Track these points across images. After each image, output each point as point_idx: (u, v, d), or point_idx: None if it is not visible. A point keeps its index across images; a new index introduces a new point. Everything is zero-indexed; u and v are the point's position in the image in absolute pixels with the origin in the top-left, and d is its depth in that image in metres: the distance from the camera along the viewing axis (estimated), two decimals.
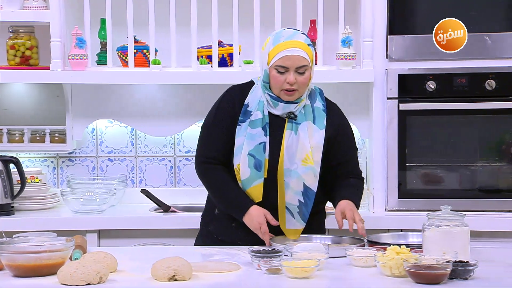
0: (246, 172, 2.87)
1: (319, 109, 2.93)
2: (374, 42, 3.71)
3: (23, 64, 3.90)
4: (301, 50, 2.82)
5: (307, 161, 2.86)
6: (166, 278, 2.36)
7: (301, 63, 2.82)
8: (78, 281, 2.30)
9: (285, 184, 2.88)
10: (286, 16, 3.78)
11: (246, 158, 2.86)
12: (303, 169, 2.86)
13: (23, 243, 2.50)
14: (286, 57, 2.81)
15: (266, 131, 2.87)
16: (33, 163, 4.14)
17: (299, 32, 2.89)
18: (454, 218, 2.56)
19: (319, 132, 2.89)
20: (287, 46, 2.82)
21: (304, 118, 2.90)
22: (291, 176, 2.87)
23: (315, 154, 2.87)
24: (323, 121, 2.91)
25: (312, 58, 2.86)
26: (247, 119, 2.89)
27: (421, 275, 2.32)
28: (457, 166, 3.73)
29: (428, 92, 3.68)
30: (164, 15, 3.79)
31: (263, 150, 2.85)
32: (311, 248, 2.59)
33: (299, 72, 2.83)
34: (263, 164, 2.85)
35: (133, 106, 4.05)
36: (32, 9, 3.79)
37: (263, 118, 2.87)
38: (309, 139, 2.87)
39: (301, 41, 2.83)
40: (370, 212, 3.74)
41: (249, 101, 2.92)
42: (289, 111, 2.89)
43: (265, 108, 2.89)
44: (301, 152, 2.86)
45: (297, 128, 2.88)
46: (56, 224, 3.57)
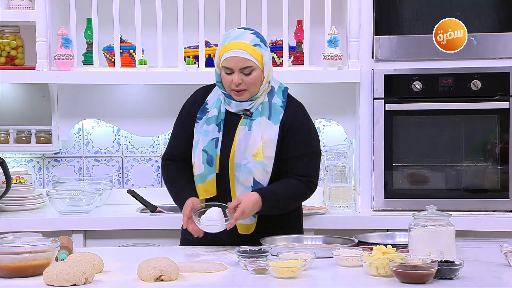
0: (200, 167, 2.91)
1: (277, 105, 2.92)
2: (360, 43, 3.72)
3: (9, 64, 3.89)
4: (243, 51, 2.81)
5: (257, 156, 2.86)
6: (152, 279, 2.36)
7: (243, 64, 2.82)
8: (64, 282, 2.30)
9: (235, 179, 2.89)
10: (272, 16, 3.78)
11: (200, 154, 2.90)
12: (254, 163, 2.86)
13: (8, 243, 2.49)
14: (229, 58, 2.83)
15: (220, 127, 2.91)
16: (18, 163, 4.13)
17: (248, 32, 2.87)
18: (440, 218, 2.57)
19: (273, 127, 2.88)
20: (230, 47, 2.83)
21: (260, 114, 2.91)
22: (241, 170, 2.87)
23: (267, 149, 2.87)
24: (278, 116, 2.90)
25: (260, 58, 2.84)
26: (203, 116, 2.94)
27: (407, 275, 2.32)
28: (442, 166, 3.74)
29: (414, 92, 3.70)
30: (151, 15, 3.79)
31: (215, 146, 2.89)
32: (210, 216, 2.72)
33: (245, 73, 2.83)
34: (215, 159, 2.89)
35: (120, 106, 4.04)
36: (17, 8, 3.77)
37: (218, 114, 2.92)
38: (261, 134, 2.87)
39: (245, 41, 2.83)
40: (357, 212, 3.75)
41: (209, 100, 2.98)
42: (242, 108, 2.90)
43: (222, 105, 2.93)
44: (252, 147, 2.87)
45: (251, 124, 2.89)
46: (42, 224, 3.56)
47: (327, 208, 3.74)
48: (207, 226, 2.77)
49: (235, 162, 2.88)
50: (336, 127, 4.10)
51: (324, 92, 4.01)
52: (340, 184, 3.83)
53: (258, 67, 2.84)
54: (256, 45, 2.84)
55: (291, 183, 2.89)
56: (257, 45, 2.84)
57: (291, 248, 2.66)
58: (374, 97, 3.72)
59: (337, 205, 3.79)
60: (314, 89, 4.01)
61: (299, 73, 3.79)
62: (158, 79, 3.79)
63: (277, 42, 3.89)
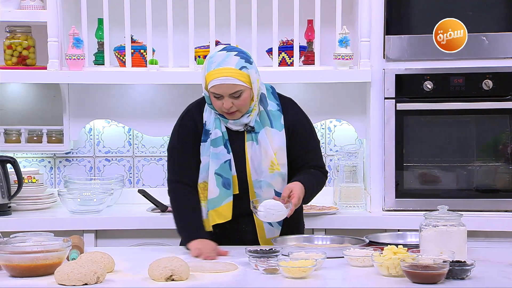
0: (215, 191, 2.88)
1: (274, 111, 2.91)
2: (371, 42, 3.71)
3: (20, 64, 3.90)
4: (231, 78, 2.78)
5: (273, 168, 2.87)
6: (163, 278, 2.36)
7: (233, 90, 2.79)
8: (75, 281, 2.30)
9: (256, 196, 2.89)
10: (283, 16, 3.78)
11: (214, 178, 2.87)
12: (271, 176, 2.87)
13: (20, 243, 2.51)
14: (217, 85, 2.79)
15: (228, 148, 2.88)
16: (30, 163, 4.14)
17: (232, 54, 2.82)
18: (451, 218, 2.56)
19: (279, 134, 2.89)
20: (217, 74, 2.79)
21: (262, 126, 2.89)
22: (261, 186, 2.88)
23: (280, 157, 2.88)
24: (280, 121, 2.91)
25: (247, 79, 2.80)
26: (207, 138, 2.90)
27: (418, 275, 2.32)
28: (454, 166, 3.73)
29: (425, 92, 3.68)
30: (162, 15, 3.79)
31: (229, 168, 2.87)
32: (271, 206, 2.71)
33: (235, 97, 2.81)
34: (231, 182, 2.86)
35: (130, 106, 4.05)
36: (29, 9, 3.78)
37: (222, 135, 2.88)
38: (270, 145, 2.87)
39: (230, 67, 2.78)
40: (367, 212, 3.74)
41: (206, 120, 2.93)
42: (242, 123, 2.88)
43: (222, 125, 2.90)
44: (266, 160, 2.86)
45: (257, 137, 2.88)
46: (53, 224, 3.57)
47: (338, 208, 3.73)
48: (272, 215, 2.73)
49: (253, 180, 2.88)
50: (346, 127, 4.09)
51: (334, 92, 4.01)
52: (350, 184, 3.82)
53: (247, 88, 2.82)
54: (242, 67, 2.80)
55: (312, 172, 2.93)
56: (243, 67, 2.80)
57: (302, 248, 2.66)
58: (385, 97, 3.71)
59: (348, 205, 3.79)
60: (324, 89, 4.00)
61: (310, 73, 3.78)
62: (169, 79, 3.80)
63: (287, 42, 3.88)
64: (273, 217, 2.75)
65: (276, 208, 2.74)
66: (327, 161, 4.12)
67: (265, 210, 2.73)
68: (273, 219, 2.77)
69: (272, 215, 2.74)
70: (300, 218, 3.11)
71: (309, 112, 3.97)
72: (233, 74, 2.79)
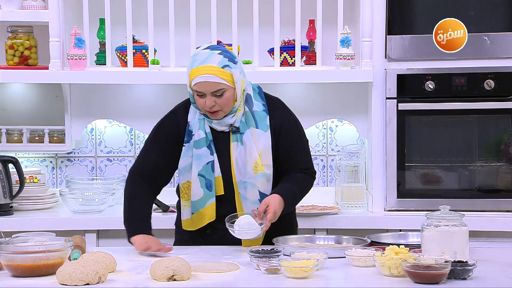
0: (199, 193, 2.89)
1: (259, 111, 2.90)
2: (373, 42, 3.71)
3: (22, 64, 3.90)
4: (212, 76, 2.77)
5: (257, 169, 2.86)
6: (165, 278, 2.36)
7: (214, 88, 2.78)
8: (77, 281, 2.31)
9: (241, 197, 2.88)
10: (285, 16, 3.78)
11: (197, 179, 2.88)
12: (255, 177, 2.86)
13: (22, 243, 2.51)
14: (199, 83, 2.79)
15: (211, 150, 2.88)
16: (32, 163, 4.14)
17: (215, 52, 2.81)
18: (453, 218, 2.56)
19: (264, 134, 2.87)
20: (199, 72, 2.79)
21: (247, 126, 2.87)
22: (246, 187, 2.87)
23: (264, 158, 2.86)
24: (265, 122, 2.89)
25: (230, 78, 2.79)
26: (190, 139, 2.90)
27: (420, 275, 2.32)
28: (455, 166, 3.73)
29: (427, 92, 3.68)
30: (163, 15, 3.79)
31: (211, 169, 2.87)
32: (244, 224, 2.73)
33: (217, 95, 2.80)
34: (213, 184, 2.87)
35: (132, 106, 4.05)
36: (31, 9, 3.79)
37: (206, 136, 2.88)
38: (255, 146, 2.86)
39: (213, 65, 2.78)
40: (369, 212, 3.74)
41: (190, 120, 2.93)
42: (226, 124, 2.87)
43: (206, 125, 2.89)
44: (250, 161, 2.85)
45: (242, 137, 2.86)
46: (55, 224, 3.57)
47: (340, 208, 3.73)
48: (245, 233, 2.74)
49: (237, 181, 2.87)
50: (348, 127, 4.09)
51: (336, 92, 4.01)
52: (352, 184, 3.82)
53: (230, 87, 2.81)
54: (224, 66, 2.79)
55: (298, 177, 2.92)
56: (226, 66, 2.79)
57: (304, 248, 2.66)
58: (386, 97, 3.71)
59: (350, 205, 3.78)
60: (326, 89, 4.00)
61: (312, 73, 3.78)
62: (171, 79, 3.80)
63: (289, 42, 3.88)
64: (246, 234, 2.75)
65: (249, 225, 2.74)
66: (328, 161, 4.12)
67: (239, 228, 2.74)
68: (247, 236, 2.77)
69: (246, 233, 2.75)
70: (293, 218, 3.11)
71: (311, 112, 4.01)
72: (215, 72, 2.78)
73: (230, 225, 2.76)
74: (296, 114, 3.96)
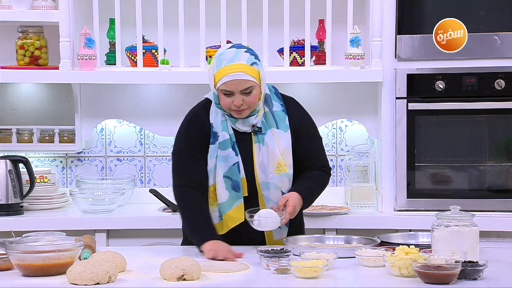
0: (224, 195, 2.87)
1: (279, 112, 2.90)
2: (383, 42, 3.71)
3: (32, 64, 3.91)
4: (243, 73, 2.77)
5: (280, 169, 2.86)
6: (175, 278, 2.37)
7: (245, 86, 2.78)
8: (87, 281, 2.31)
9: (264, 198, 2.89)
10: (294, 16, 3.78)
11: (222, 181, 2.86)
12: (278, 177, 2.87)
13: (32, 242, 2.52)
14: (229, 82, 2.78)
15: (236, 151, 2.86)
16: (42, 163, 4.15)
17: (241, 50, 2.83)
18: (463, 218, 2.55)
19: (284, 135, 2.88)
20: (229, 70, 2.78)
21: (268, 127, 2.88)
22: (269, 188, 2.88)
23: (286, 159, 2.87)
24: (285, 122, 2.90)
25: (257, 75, 2.81)
26: (215, 141, 2.88)
27: (430, 275, 2.31)
28: (466, 166, 3.72)
29: (437, 92, 3.67)
30: (173, 15, 3.80)
31: (238, 171, 2.85)
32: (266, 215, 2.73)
33: (246, 93, 2.79)
34: (241, 185, 2.85)
35: (142, 106, 4.06)
36: (41, 9, 3.80)
37: (230, 138, 2.86)
38: (277, 146, 2.86)
39: (242, 63, 2.78)
40: (379, 212, 3.74)
41: (213, 122, 2.90)
42: (249, 124, 2.86)
43: (229, 127, 2.88)
44: (272, 162, 2.85)
45: (263, 138, 2.86)
46: (65, 223, 3.59)
47: (349, 208, 3.73)
48: (265, 223, 2.74)
49: (260, 182, 2.87)
50: (358, 127, 4.09)
51: (346, 92, 4.00)
52: (362, 184, 3.81)
53: (257, 84, 2.82)
54: (252, 63, 2.80)
55: (315, 175, 2.95)
56: (254, 63, 2.81)
57: (313, 248, 2.66)
58: (396, 97, 3.70)
59: (359, 205, 3.78)
60: (336, 88, 4.00)
61: (321, 73, 3.78)
62: (180, 79, 3.80)
63: (299, 42, 3.88)
64: (266, 225, 2.75)
65: (269, 216, 2.74)
66: (338, 161, 4.12)
67: (259, 218, 2.74)
68: (267, 227, 2.77)
69: (265, 224, 2.75)
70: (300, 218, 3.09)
71: (320, 112, 4.00)
72: (245, 70, 2.78)
73: (250, 216, 2.75)
74: None
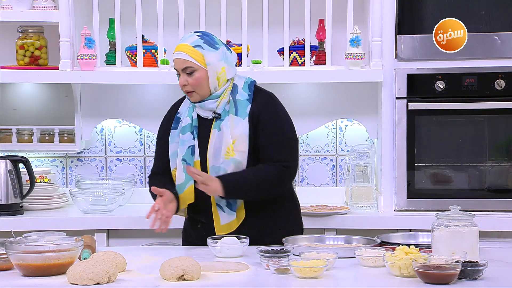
0: (181, 177, 2.98)
1: (241, 100, 2.96)
2: (383, 42, 3.71)
3: (32, 64, 3.92)
4: (181, 52, 2.92)
5: (228, 154, 2.92)
6: (175, 278, 2.37)
7: (183, 65, 2.92)
8: (87, 281, 2.31)
9: None
10: (294, 16, 3.78)
11: (181, 164, 2.97)
12: (227, 162, 2.92)
13: (32, 242, 2.52)
14: (174, 60, 2.97)
15: (194, 135, 2.97)
16: (42, 162, 4.16)
17: (194, 34, 2.96)
18: (463, 218, 2.55)
19: (241, 121, 2.93)
20: (175, 49, 2.96)
21: (227, 113, 2.96)
22: (218, 172, 2.93)
23: (239, 145, 2.92)
24: (245, 110, 2.95)
25: (201, 59, 2.91)
26: (177, 126, 3.02)
27: (430, 275, 2.31)
28: (466, 166, 3.72)
29: (437, 91, 3.67)
30: (173, 15, 3.80)
31: (191, 153, 2.96)
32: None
33: (187, 73, 2.92)
34: (193, 167, 2.94)
35: (142, 106, 4.06)
36: (41, 9, 3.80)
37: (191, 122, 2.98)
38: (230, 132, 2.92)
39: (186, 43, 2.92)
40: (379, 212, 3.74)
41: (180, 110, 3.06)
42: (209, 109, 2.95)
43: (194, 113, 3.00)
44: (224, 147, 2.92)
45: (220, 124, 2.94)
46: (65, 223, 3.59)
47: (349, 208, 3.73)
48: (227, 250, 2.72)
49: (211, 166, 2.94)
50: (358, 127, 4.09)
51: (346, 92, 4.00)
52: (362, 184, 3.81)
53: (200, 68, 2.91)
54: (196, 46, 2.91)
55: (259, 167, 2.95)
56: (198, 46, 2.91)
57: (313, 248, 2.66)
58: (396, 97, 3.70)
59: (359, 205, 3.78)
60: (336, 88, 4.00)
61: (321, 73, 3.78)
62: None
63: (299, 42, 3.88)
64: (227, 252, 2.72)
65: (232, 243, 2.73)
66: (338, 161, 4.12)
67: (220, 245, 2.73)
68: (227, 254, 2.73)
69: (227, 250, 2.72)
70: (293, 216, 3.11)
71: (320, 112, 4.01)
72: (185, 50, 2.91)
73: (213, 243, 2.75)
74: (305, 114, 3.99)
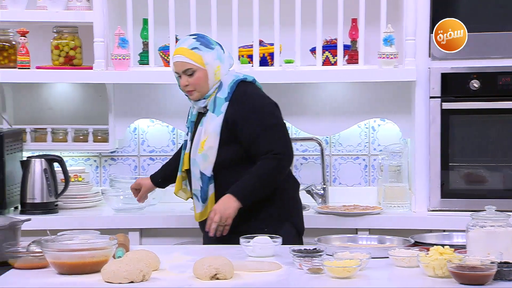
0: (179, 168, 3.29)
1: (220, 98, 3.11)
2: (416, 41, 3.68)
3: (67, 64, 3.95)
4: (181, 56, 3.11)
5: (201, 149, 3.12)
6: (208, 277, 2.37)
7: (183, 67, 3.11)
8: (121, 279, 2.33)
9: (191, 173, 3.17)
10: (327, 15, 3.76)
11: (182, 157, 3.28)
12: (199, 156, 3.13)
13: (67, 241, 2.54)
14: (174, 63, 3.16)
15: (188, 129, 3.23)
16: (76, 162, 4.19)
17: (190, 37, 3.15)
18: (499, 219, 2.52)
19: (215, 119, 3.10)
20: (173, 54, 3.17)
21: (209, 110, 3.14)
22: (194, 164, 3.16)
23: (209, 141, 3.10)
24: (220, 108, 3.10)
25: (199, 60, 3.09)
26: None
27: (465, 276, 2.29)
28: (500, 165, 3.68)
29: (471, 91, 3.64)
30: (205, 15, 3.81)
31: (184, 147, 3.24)
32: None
33: (188, 74, 3.11)
34: (182, 160, 3.21)
35: (174, 106, 4.07)
36: (76, 9, 3.83)
37: (190, 118, 3.24)
38: (206, 128, 3.12)
39: (183, 47, 3.11)
40: (412, 212, 3.71)
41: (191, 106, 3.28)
42: (199, 107, 3.16)
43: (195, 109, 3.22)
44: (200, 142, 3.13)
45: (202, 120, 3.15)
46: (99, 222, 3.62)
47: (382, 208, 3.71)
48: (259, 249, 2.72)
49: (191, 158, 3.17)
50: (391, 126, 4.06)
51: (379, 91, 3.98)
52: (395, 184, 3.79)
53: (200, 68, 3.09)
54: (193, 48, 3.10)
55: (257, 166, 3.07)
56: (195, 48, 3.10)
57: (346, 248, 2.65)
58: (430, 96, 3.67)
59: (392, 205, 3.76)
60: (368, 88, 3.98)
61: (354, 72, 3.76)
62: None
63: (331, 41, 3.87)
64: (259, 251, 2.72)
65: (264, 242, 2.74)
66: (370, 161, 4.10)
67: (253, 244, 2.73)
68: (259, 253, 2.72)
69: (259, 250, 2.72)
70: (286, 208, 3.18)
71: (353, 112, 3.99)
72: (184, 53, 3.10)
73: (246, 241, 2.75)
74: (338, 113, 3.99)
